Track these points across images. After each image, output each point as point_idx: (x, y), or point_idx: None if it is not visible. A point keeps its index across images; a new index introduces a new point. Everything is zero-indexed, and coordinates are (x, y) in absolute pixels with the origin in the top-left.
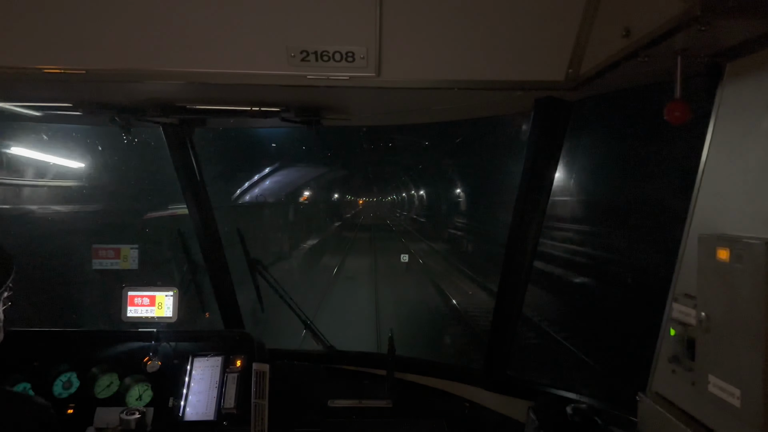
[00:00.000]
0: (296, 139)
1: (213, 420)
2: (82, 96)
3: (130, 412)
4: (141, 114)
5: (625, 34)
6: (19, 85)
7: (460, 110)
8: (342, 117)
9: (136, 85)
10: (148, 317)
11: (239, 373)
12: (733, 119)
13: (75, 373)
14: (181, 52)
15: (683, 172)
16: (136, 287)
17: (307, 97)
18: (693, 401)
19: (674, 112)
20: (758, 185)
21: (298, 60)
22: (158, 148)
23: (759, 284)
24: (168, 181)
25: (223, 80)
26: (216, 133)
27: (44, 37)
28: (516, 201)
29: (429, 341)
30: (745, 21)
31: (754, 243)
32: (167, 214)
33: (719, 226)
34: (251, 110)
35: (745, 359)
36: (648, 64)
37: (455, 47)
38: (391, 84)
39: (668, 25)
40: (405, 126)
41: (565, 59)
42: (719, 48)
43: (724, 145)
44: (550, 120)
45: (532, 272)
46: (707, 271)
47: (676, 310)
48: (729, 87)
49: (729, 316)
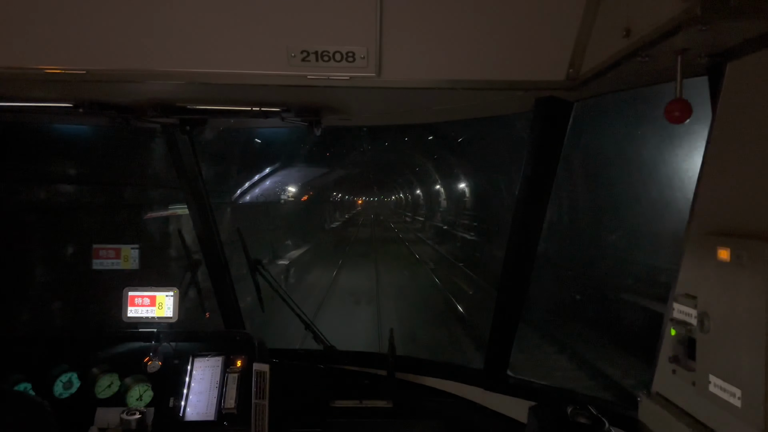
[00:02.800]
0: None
1: (213, 420)
2: (82, 96)
3: (130, 412)
4: (141, 114)
5: (626, 34)
6: (20, 85)
7: (461, 110)
8: (342, 117)
9: (137, 85)
10: (148, 317)
11: (240, 374)
12: (734, 119)
13: (75, 374)
14: (181, 52)
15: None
16: (136, 287)
17: (308, 97)
18: (694, 401)
19: (674, 112)
20: (759, 185)
21: (298, 60)
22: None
23: (759, 284)
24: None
25: (224, 80)
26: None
27: (44, 37)
28: (516, 201)
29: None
30: (746, 21)
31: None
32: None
33: (720, 225)
34: (251, 110)
35: (746, 359)
36: (648, 64)
37: (455, 47)
38: (391, 84)
39: (669, 25)
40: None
41: (565, 59)
42: (720, 48)
43: (724, 144)
44: (550, 120)
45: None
46: (708, 271)
47: (676, 310)
48: (729, 87)
49: (730, 316)
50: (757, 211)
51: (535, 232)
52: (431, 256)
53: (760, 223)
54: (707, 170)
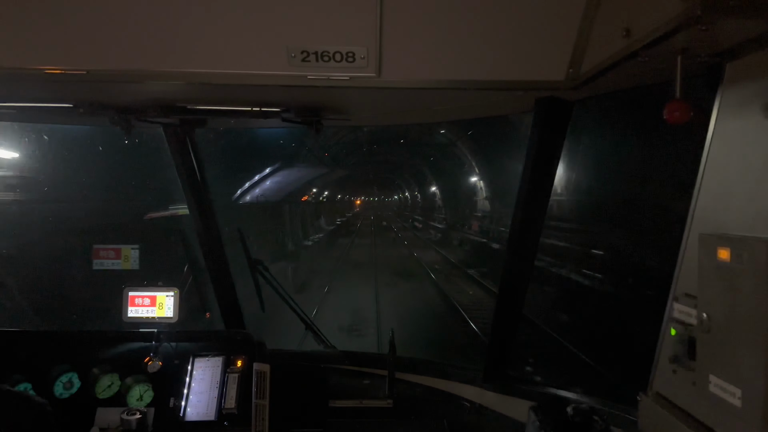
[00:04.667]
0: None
1: (214, 420)
2: (82, 96)
3: (131, 412)
4: (141, 114)
5: (626, 33)
6: (20, 85)
7: (461, 110)
8: (342, 117)
9: (137, 86)
10: (148, 317)
11: (240, 374)
12: (734, 119)
13: (76, 374)
14: (181, 53)
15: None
16: (136, 287)
17: (308, 97)
18: (694, 401)
19: (674, 112)
20: (759, 185)
21: (298, 60)
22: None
23: (760, 284)
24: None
25: (224, 80)
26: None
27: (45, 38)
28: (516, 200)
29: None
30: (746, 21)
31: (754, 243)
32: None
33: (720, 225)
34: (252, 110)
35: (746, 359)
36: (648, 63)
37: (456, 47)
38: (391, 84)
39: (669, 25)
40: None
41: (565, 59)
42: (719, 48)
43: (724, 144)
44: (550, 120)
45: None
46: (708, 271)
47: (676, 309)
48: (729, 87)
49: (730, 315)
50: (757, 211)
51: (535, 232)
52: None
53: (760, 223)
54: (707, 170)
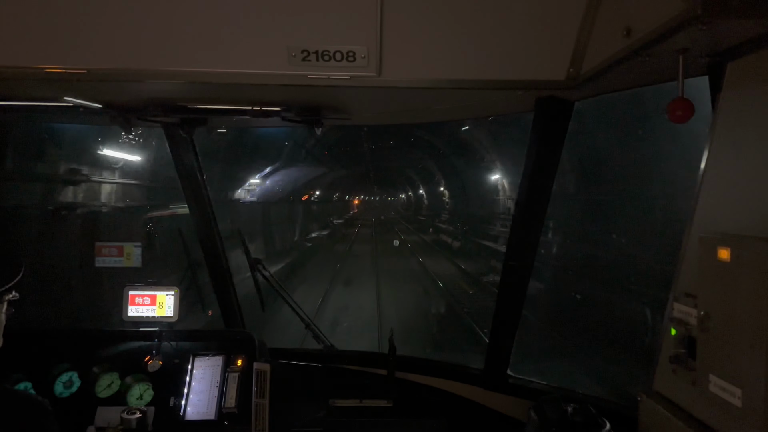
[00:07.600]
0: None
1: (214, 419)
2: (82, 95)
3: (131, 411)
4: (142, 113)
5: (626, 33)
6: (20, 84)
7: (461, 110)
8: (343, 116)
9: (137, 85)
10: (149, 316)
11: (240, 373)
12: (734, 119)
13: (76, 373)
14: (181, 52)
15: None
16: (137, 286)
17: (308, 96)
18: (694, 401)
19: (676, 111)
20: (759, 185)
21: (298, 60)
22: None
23: (760, 284)
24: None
25: (224, 80)
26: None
27: (45, 37)
28: (516, 200)
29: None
30: (746, 21)
31: (755, 242)
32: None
33: (720, 225)
34: (252, 110)
35: (746, 359)
36: (649, 63)
37: (456, 47)
38: (391, 83)
39: (669, 25)
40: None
41: (566, 59)
42: (720, 47)
43: (725, 144)
44: (551, 119)
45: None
46: (708, 271)
47: (676, 309)
48: (730, 86)
49: (730, 315)
50: (757, 211)
51: (535, 232)
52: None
53: (760, 223)
54: (708, 170)
